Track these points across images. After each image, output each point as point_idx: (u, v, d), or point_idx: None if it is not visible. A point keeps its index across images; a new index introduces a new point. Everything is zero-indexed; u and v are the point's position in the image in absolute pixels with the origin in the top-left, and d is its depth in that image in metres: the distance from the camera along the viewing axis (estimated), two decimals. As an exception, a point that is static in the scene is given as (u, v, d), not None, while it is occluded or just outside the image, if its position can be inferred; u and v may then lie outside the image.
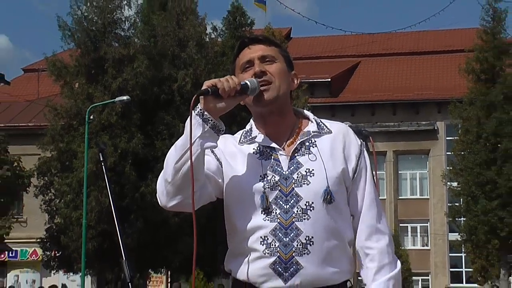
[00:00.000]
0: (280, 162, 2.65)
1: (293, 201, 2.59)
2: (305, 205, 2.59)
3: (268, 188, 2.60)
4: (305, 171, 2.62)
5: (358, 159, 2.70)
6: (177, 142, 2.58)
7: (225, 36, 29.70)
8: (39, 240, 27.27)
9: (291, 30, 51.52)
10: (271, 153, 2.67)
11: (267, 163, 2.65)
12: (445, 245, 44.54)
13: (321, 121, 2.76)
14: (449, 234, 42.51)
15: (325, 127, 2.73)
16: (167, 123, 25.65)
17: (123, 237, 3.25)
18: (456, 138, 33.26)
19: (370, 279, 2.65)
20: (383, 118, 46.15)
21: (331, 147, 2.68)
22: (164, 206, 2.64)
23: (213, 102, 2.55)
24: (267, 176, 2.62)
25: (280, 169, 2.64)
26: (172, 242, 24.52)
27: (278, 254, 2.57)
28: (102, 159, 3.52)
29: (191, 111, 2.55)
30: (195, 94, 2.55)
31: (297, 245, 2.56)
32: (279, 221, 2.58)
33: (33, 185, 25.44)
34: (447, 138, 43.78)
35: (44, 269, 29.71)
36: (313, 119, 2.76)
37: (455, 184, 31.92)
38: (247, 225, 2.61)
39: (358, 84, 48.19)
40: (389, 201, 45.22)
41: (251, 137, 2.73)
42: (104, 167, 3.48)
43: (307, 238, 2.57)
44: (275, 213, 2.59)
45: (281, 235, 2.58)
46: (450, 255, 44.84)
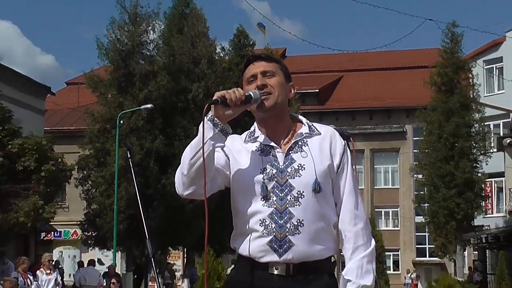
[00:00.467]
0: (277, 158, 2.64)
1: (287, 190, 2.59)
2: (297, 193, 2.58)
3: (267, 179, 2.60)
4: (298, 166, 2.61)
5: (341, 156, 2.69)
6: (192, 142, 2.57)
7: (232, 54, 29.71)
8: (79, 222, 27.19)
9: (286, 49, 51.49)
10: (270, 150, 2.66)
11: (267, 158, 2.64)
12: (412, 226, 44.54)
13: (312, 124, 2.75)
14: (415, 217, 42.49)
15: (315, 130, 2.72)
16: (183, 126, 25.62)
17: (147, 220, 3.25)
18: (421, 138, 33.26)
19: (347, 258, 2.64)
20: (361, 122, 46.18)
21: (320, 146, 2.67)
22: (181, 194, 2.64)
23: (222, 110, 2.54)
24: (266, 169, 2.61)
25: (277, 164, 2.63)
26: (187, 224, 24.44)
27: (274, 234, 2.56)
28: (130, 156, 3.52)
29: (203, 117, 2.54)
30: (207, 103, 2.54)
31: (290, 227, 2.56)
32: (275, 206, 2.58)
33: (74, 177, 25.33)
34: (414, 138, 43.77)
35: (83, 246, 29.60)
36: (305, 122, 2.75)
37: (421, 176, 31.88)
38: (249, 210, 2.60)
39: (341, 94, 48.18)
40: (366, 190, 45.18)
41: (254, 137, 2.72)
42: (131, 163, 3.48)
43: (298, 221, 2.56)
44: (272, 200, 2.58)
45: (276, 218, 2.57)
46: (416, 234, 44.85)
